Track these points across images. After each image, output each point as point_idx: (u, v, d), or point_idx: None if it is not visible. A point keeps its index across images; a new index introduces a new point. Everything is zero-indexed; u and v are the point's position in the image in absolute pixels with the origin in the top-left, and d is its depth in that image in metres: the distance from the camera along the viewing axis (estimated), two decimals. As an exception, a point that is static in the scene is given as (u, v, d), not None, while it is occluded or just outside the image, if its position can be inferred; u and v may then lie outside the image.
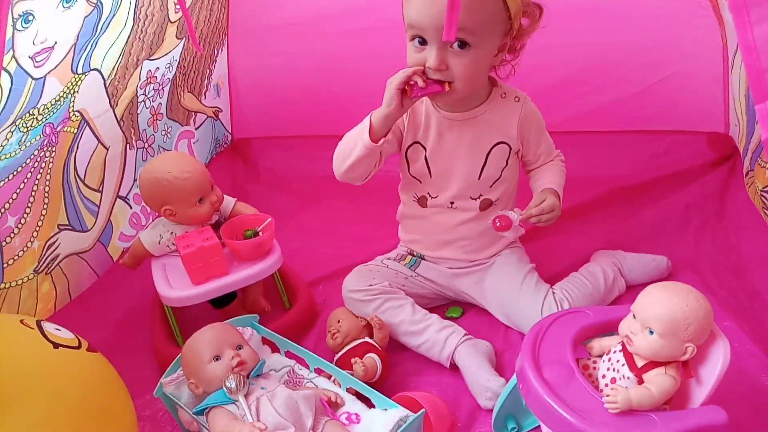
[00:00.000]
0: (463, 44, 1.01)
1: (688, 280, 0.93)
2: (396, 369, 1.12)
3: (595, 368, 0.91)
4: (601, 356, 0.91)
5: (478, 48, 1.02)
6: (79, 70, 1.22)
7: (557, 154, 1.22)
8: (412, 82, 1.03)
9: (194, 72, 1.63)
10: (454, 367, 1.11)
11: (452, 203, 1.18)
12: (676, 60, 1.53)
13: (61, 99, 1.19)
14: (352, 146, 1.10)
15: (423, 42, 1.02)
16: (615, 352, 0.88)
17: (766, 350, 1.07)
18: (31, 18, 1.04)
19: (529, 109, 1.15)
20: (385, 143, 1.09)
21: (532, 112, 1.16)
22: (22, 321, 0.85)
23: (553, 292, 1.16)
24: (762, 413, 0.98)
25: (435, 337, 1.12)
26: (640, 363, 0.84)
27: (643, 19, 1.49)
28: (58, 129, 1.21)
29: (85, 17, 1.16)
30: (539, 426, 0.94)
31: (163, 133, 1.55)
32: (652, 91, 1.57)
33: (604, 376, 0.88)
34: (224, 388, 0.93)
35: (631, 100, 1.59)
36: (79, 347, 0.86)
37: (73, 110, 1.23)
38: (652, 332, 0.82)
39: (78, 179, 1.28)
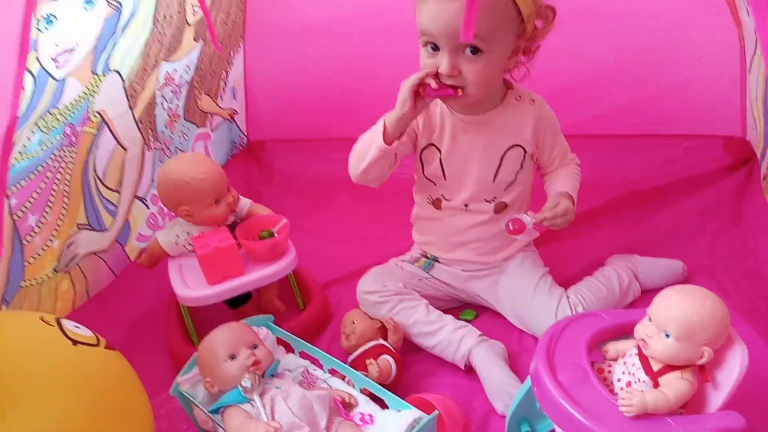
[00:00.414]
0: (475, 50, 1.01)
1: (703, 285, 0.92)
2: (410, 370, 1.12)
3: (610, 372, 0.90)
4: (616, 360, 0.90)
5: (490, 53, 1.01)
6: (99, 72, 1.24)
7: (572, 158, 1.22)
8: (426, 84, 1.03)
9: (211, 74, 1.65)
10: (468, 368, 1.11)
11: (466, 205, 1.18)
12: (692, 63, 1.51)
13: (82, 100, 1.21)
14: (367, 149, 1.10)
15: (435, 48, 1.02)
16: (630, 355, 0.87)
17: (784, 356, 1.06)
18: (53, 20, 1.06)
19: (544, 111, 1.15)
20: (400, 145, 1.09)
21: (548, 115, 1.16)
22: (42, 318, 0.86)
23: (568, 296, 1.16)
24: (778, 419, 0.97)
25: (449, 337, 1.12)
26: (656, 367, 0.84)
27: (659, 21, 1.48)
28: (79, 129, 1.22)
29: (106, 19, 1.18)
30: (553, 429, 0.93)
31: (180, 134, 1.57)
32: (668, 95, 1.56)
33: (619, 380, 0.87)
34: (239, 387, 0.94)
35: (646, 103, 1.58)
36: (97, 345, 0.87)
37: (92, 111, 1.25)
38: (668, 335, 0.82)
39: (97, 179, 1.30)
